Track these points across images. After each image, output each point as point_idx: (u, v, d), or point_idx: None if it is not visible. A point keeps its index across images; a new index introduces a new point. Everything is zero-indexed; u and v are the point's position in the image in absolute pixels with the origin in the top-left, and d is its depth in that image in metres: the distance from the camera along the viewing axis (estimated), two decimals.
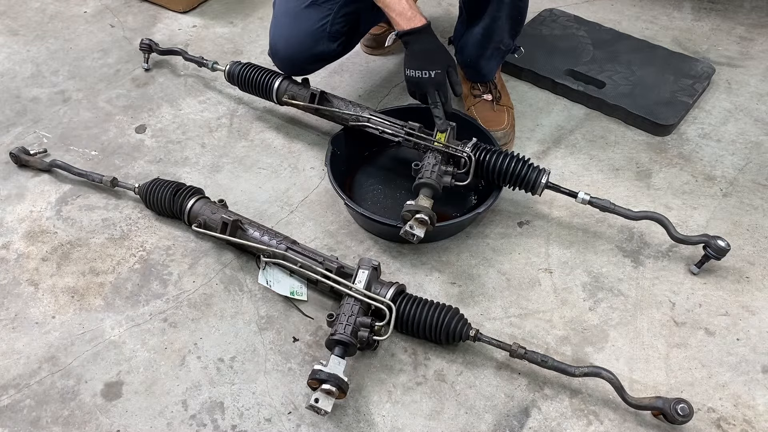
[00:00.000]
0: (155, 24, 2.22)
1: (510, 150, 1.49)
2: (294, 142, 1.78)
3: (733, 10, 2.20)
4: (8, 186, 1.66)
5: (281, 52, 1.64)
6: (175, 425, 1.20)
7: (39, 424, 1.21)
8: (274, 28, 1.65)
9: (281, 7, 1.64)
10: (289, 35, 1.61)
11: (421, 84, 1.44)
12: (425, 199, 1.37)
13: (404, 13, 1.42)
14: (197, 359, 1.30)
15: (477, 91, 1.77)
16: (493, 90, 1.76)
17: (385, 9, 1.44)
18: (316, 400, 1.13)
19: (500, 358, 1.29)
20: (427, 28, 1.43)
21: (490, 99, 1.75)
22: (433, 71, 1.42)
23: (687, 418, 1.12)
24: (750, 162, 1.69)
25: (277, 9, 1.66)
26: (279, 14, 1.65)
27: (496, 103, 1.75)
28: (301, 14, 1.59)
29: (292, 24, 1.61)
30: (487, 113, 1.73)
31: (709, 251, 1.39)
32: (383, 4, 1.44)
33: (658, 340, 1.32)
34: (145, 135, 1.81)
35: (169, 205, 1.50)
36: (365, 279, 1.26)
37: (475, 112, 1.74)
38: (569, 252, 1.49)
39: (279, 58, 1.66)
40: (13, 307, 1.40)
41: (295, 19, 1.60)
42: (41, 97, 1.93)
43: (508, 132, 1.71)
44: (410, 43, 1.44)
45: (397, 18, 1.42)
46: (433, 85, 1.44)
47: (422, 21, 1.42)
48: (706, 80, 1.86)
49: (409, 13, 1.42)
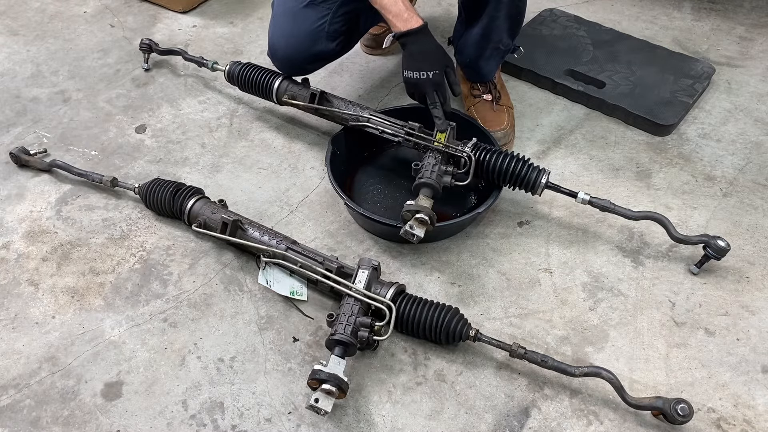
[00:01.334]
0: (155, 24, 2.22)
1: (510, 150, 1.49)
2: (294, 142, 1.78)
3: (733, 10, 2.20)
4: (8, 186, 1.66)
5: (280, 51, 1.64)
6: (175, 425, 1.20)
7: (39, 424, 1.21)
8: (272, 28, 1.65)
9: (280, 7, 1.64)
10: (288, 35, 1.61)
11: (419, 85, 1.44)
12: (425, 199, 1.37)
13: (401, 15, 1.41)
14: (197, 359, 1.30)
15: (477, 91, 1.77)
16: (493, 90, 1.76)
17: (382, 10, 1.44)
18: (316, 400, 1.13)
19: (500, 358, 1.29)
20: (424, 28, 1.42)
21: (489, 99, 1.75)
22: (431, 72, 1.41)
23: (687, 418, 1.12)
24: (750, 162, 1.69)
25: (275, 9, 1.66)
26: (277, 14, 1.65)
27: (495, 103, 1.75)
28: (300, 14, 1.59)
29: (290, 24, 1.61)
30: (487, 113, 1.73)
31: (709, 251, 1.39)
32: (380, 6, 1.43)
33: (658, 340, 1.32)
34: (145, 135, 1.81)
35: (169, 205, 1.50)
36: (365, 279, 1.26)
37: (475, 113, 1.74)
38: (569, 252, 1.49)
39: (278, 58, 1.66)
40: (13, 307, 1.40)
41: (294, 19, 1.60)
42: (41, 97, 1.93)
43: (508, 132, 1.71)
44: (408, 44, 1.43)
45: (394, 19, 1.42)
46: (431, 86, 1.43)
47: (419, 22, 1.42)
48: (706, 80, 1.86)
49: (405, 14, 1.41)
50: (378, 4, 1.43)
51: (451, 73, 1.46)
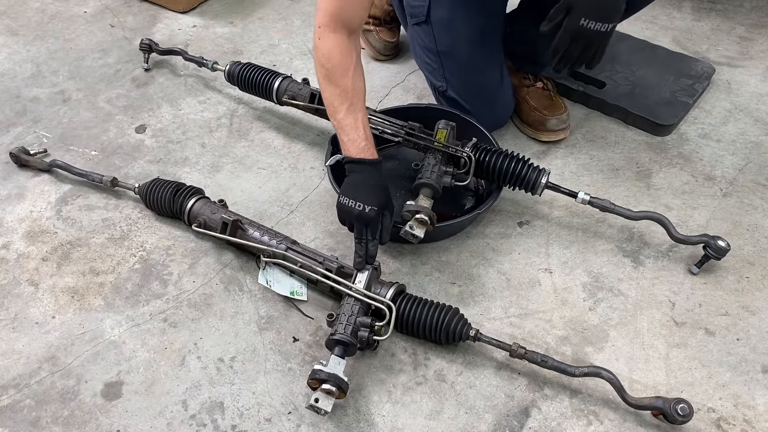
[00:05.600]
0: (155, 24, 2.21)
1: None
2: (294, 142, 1.78)
3: (733, 10, 2.20)
4: (8, 186, 1.66)
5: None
6: (175, 425, 1.20)
7: (39, 424, 1.21)
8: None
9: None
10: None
11: (350, 214, 1.29)
12: (425, 199, 1.37)
13: (357, 142, 1.31)
14: (197, 359, 1.30)
15: (528, 81, 1.78)
16: (544, 78, 1.79)
17: (339, 130, 1.33)
18: (316, 400, 1.13)
19: (500, 358, 1.29)
20: (376, 163, 1.32)
21: (541, 86, 1.77)
22: (368, 207, 1.26)
23: (687, 418, 1.12)
24: (750, 162, 1.69)
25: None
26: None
27: (549, 90, 1.77)
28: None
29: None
30: (543, 99, 1.74)
31: (709, 251, 1.39)
32: (338, 125, 1.32)
33: (658, 340, 1.32)
34: (145, 135, 1.81)
35: (169, 205, 1.50)
36: (365, 279, 1.27)
37: (530, 100, 1.75)
38: (569, 252, 1.49)
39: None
40: (13, 307, 1.40)
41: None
42: (41, 97, 1.93)
43: (569, 115, 1.73)
44: (353, 171, 1.32)
45: (349, 144, 1.31)
46: (361, 220, 1.28)
47: (374, 155, 1.32)
48: (706, 80, 1.86)
49: (363, 144, 1.31)
50: (337, 123, 1.33)
51: (388, 218, 1.32)
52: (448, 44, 1.59)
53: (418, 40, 1.66)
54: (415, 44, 1.69)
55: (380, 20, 1.99)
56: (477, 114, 1.62)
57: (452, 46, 1.59)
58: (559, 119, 1.70)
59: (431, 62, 1.66)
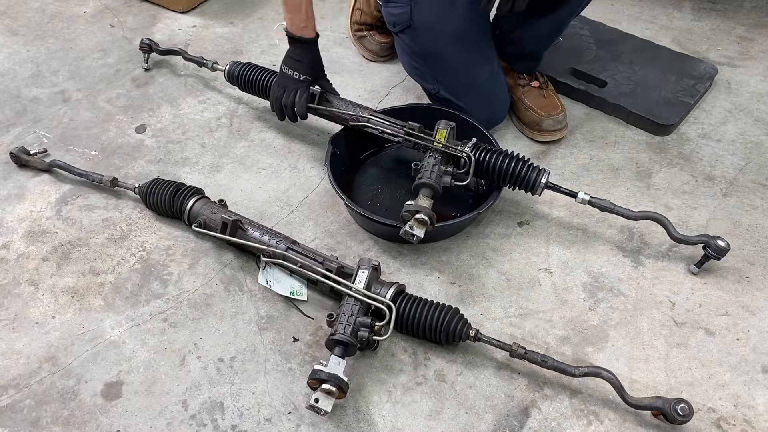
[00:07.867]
0: (155, 24, 2.21)
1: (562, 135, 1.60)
2: (294, 142, 1.78)
3: (733, 10, 2.20)
4: (8, 186, 1.66)
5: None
6: (175, 425, 1.20)
7: (39, 424, 1.21)
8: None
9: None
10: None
11: (289, 80, 1.56)
12: (425, 199, 1.37)
13: (297, 22, 1.49)
14: (197, 359, 1.30)
15: (523, 80, 1.78)
16: (540, 77, 1.78)
17: (284, 7, 1.48)
18: (316, 400, 1.13)
19: (500, 358, 1.29)
20: (313, 41, 1.52)
21: (537, 86, 1.76)
22: (302, 75, 1.54)
23: (687, 418, 1.12)
24: (750, 162, 1.69)
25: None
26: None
27: (545, 89, 1.76)
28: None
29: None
30: (540, 99, 1.74)
31: (709, 251, 1.39)
32: (284, 3, 1.48)
33: (658, 340, 1.32)
34: (145, 135, 1.81)
35: (169, 205, 1.50)
36: (365, 279, 1.26)
37: (526, 100, 1.75)
38: (569, 252, 1.49)
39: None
40: (13, 307, 1.40)
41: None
42: (41, 97, 1.93)
43: (565, 115, 1.73)
44: (294, 47, 1.53)
45: (290, 22, 1.50)
46: (294, 85, 1.55)
47: (311, 34, 1.51)
48: (708, 81, 1.86)
49: (302, 24, 1.49)
50: (283, 1, 1.48)
51: (326, 84, 1.61)
52: (433, 45, 1.62)
53: (404, 46, 1.69)
54: (402, 52, 1.72)
55: (372, 26, 2.02)
56: (472, 111, 1.63)
57: (437, 46, 1.62)
58: (555, 119, 1.70)
59: (419, 66, 1.69)
